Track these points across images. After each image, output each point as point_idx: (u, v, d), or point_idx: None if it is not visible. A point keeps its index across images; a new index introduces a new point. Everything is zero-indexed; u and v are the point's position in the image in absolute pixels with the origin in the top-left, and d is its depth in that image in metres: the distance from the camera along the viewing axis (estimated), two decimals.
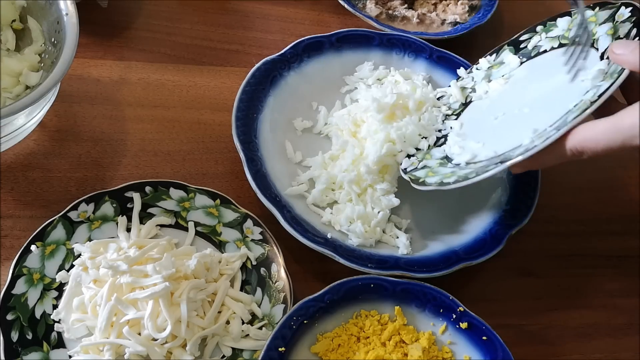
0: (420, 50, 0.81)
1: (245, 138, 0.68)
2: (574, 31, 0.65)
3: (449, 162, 0.65)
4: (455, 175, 0.60)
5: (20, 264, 0.57)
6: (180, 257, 0.59)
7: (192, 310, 0.56)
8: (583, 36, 0.64)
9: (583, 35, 0.64)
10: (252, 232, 0.64)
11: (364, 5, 0.88)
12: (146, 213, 0.63)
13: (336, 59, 0.78)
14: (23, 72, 0.63)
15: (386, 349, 0.58)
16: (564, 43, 0.68)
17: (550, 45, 0.70)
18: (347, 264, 0.62)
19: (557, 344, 0.67)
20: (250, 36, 0.83)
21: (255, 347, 0.57)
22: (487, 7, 0.90)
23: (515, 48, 0.74)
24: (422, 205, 0.71)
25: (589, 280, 0.73)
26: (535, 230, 0.72)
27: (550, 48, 0.70)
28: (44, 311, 0.56)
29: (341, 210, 0.67)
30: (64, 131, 0.68)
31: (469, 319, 0.60)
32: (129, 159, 0.68)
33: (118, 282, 0.55)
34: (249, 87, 0.72)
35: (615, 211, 0.80)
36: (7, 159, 0.64)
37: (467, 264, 0.64)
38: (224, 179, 0.69)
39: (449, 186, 0.59)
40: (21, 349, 0.53)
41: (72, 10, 0.61)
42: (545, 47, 0.70)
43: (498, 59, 0.75)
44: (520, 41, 0.74)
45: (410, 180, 0.64)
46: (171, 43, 0.79)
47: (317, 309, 0.59)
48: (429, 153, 0.68)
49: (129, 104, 0.72)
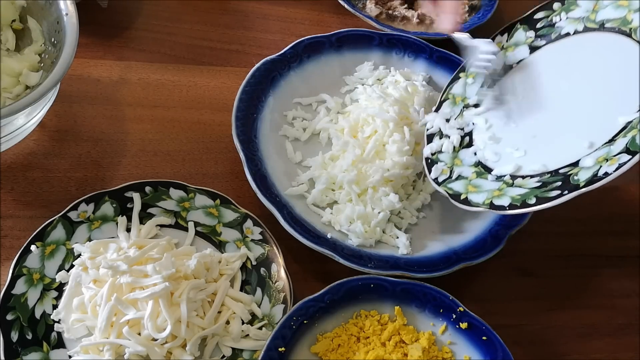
0: (420, 50, 0.81)
1: (245, 138, 0.68)
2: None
3: (487, 171, 0.60)
4: (507, 196, 0.56)
5: (20, 264, 0.57)
6: (180, 257, 0.59)
7: (192, 310, 0.56)
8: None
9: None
10: (252, 232, 0.64)
11: (364, 5, 0.88)
12: (146, 213, 0.63)
13: (336, 59, 0.79)
14: (23, 72, 0.63)
15: (386, 349, 0.58)
16: (590, 27, 0.63)
17: (574, 29, 0.64)
18: (347, 264, 0.62)
19: (557, 344, 0.67)
20: (250, 36, 0.83)
21: (255, 347, 0.57)
22: (487, 7, 0.90)
23: (529, 27, 0.68)
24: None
25: (589, 280, 0.73)
26: (535, 230, 0.72)
27: (574, 31, 0.64)
28: (43, 311, 0.56)
29: (341, 210, 0.67)
30: (64, 131, 0.68)
31: (469, 319, 0.60)
32: (129, 159, 0.68)
33: (118, 282, 0.55)
34: (249, 87, 0.72)
35: (615, 211, 0.80)
36: (7, 159, 0.64)
37: (467, 264, 0.64)
38: (224, 179, 0.69)
39: (504, 211, 0.55)
40: (21, 349, 0.53)
41: (72, 10, 0.61)
42: (567, 29, 0.65)
43: (512, 39, 0.69)
44: (534, 19, 0.68)
45: (448, 195, 0.60)
46: (171, 43, 0.79)
47: (317, 309, 0.59)
48: (457, 157, 0.64)
49: (128, 104, 0.72)
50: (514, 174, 0.59)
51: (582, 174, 0.53)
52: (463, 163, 0.63)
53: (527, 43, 0.68)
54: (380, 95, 0.72)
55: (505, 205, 0.55)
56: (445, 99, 0.71)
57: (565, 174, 0.55)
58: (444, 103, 0.71)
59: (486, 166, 0.62)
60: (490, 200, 0.56)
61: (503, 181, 0.59)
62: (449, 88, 0.72)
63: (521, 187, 0.57)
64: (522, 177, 0.58)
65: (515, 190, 0.56)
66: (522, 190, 0.56)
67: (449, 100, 0.71)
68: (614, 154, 0.52)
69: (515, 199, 0.55)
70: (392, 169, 0.67)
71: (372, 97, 0.73)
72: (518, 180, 0.58)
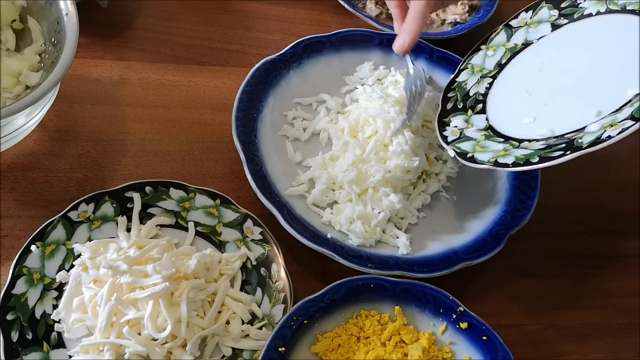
0: (420, 50, 0.81)
1: (245, 138, 0.68)
2: None
3: (495, 134, 0.62)
4: (512, 155, 0.57)
5: (20, 264, 0.57)
6: (180, 257, 0.59)
7: (192, 310, 0.56)
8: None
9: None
10: (252, 232, 0.64)
11: (364, 5, 0.88)
12: (146, 213, 0.63)
13: (336, 59, 0.78)
14: (23, 72, 0.63)
15: (386, 349, 0.58)
16: (612, 9, 0.65)
17: (597, 9, 0.66)
18: (347, 264, 0.62)
19: (557, 344, 0.67)
20: (250, 36, 0.83)
21: (255, 347, 0.57)
22: (487, 7, 0.90)
23: (553, 5, 0.70)
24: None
25: (589, 280, 0.73)
26: (535, 230, 0.72)
27: (597, 12, 0.66)
28: (44, 311, 0.56)
29: (341, 210, 0.67)
30: (64, 131, 0.68)
31: (469, 319, 0.60)
32: (129, 159, 0.68)
33: (118, 282, 0.55)
34: (249, 87, 0.72)
35: (615, 211, 0.80)
36: (7, 159, 0.64)
37: (467, 264, 0.64)
38: (224, 179, 0.69)
39: (507, 168, 0.57)
40: (21, 349, 0.53)
41: (72, 10, 0.61)
42: (590, 10, 0.67)
43: (536, 16, 0.71)
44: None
45: (455, 152, 0.62)
46: (171, 43, 0.79)
47: (317, 309, 0.59)
48: (469, 121, 0.66)
49: (129, 104, 0.72)
50: (522, 138, 0.61)
51: (586, 137, 0.55)
52: (474, 127, 0.65)
53: (550, 21, 0.70)
54: (381, 95, 0.72)
55: (509, 163, 0.57)
56: (464, 68, 0.74)
57: (570, 138, 0.57)
58: (463, 72, 0.73)
59: (495, 130, 0.64)
60: (495, 159, 0.58)
61: (510, 143, 0.61)
62: (468, 59, 0.74)
63: (526, 149, 0.58)
64: (528, 141, 0.60)
65: (520, 151, 0.58)
66: (526, 151, 0.58)
67: (467, 69, 0.73)
68: (619, 121, 0.54)
69: (519, 158, 0.57)
70: (393, 171, 0.67)
71: (372, 97, 0.73)
72: (524, 143, 0.60)
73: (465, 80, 0.72)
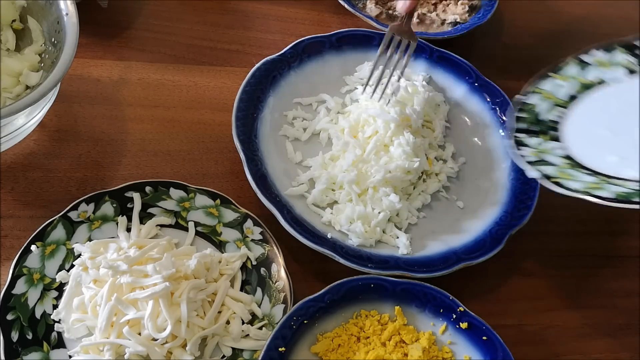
0: (420, 50, 0.81)
1: (245, 138, 0.68)
2: None
3: (580, 166, 0.62)
4: (608, 191, 0.57)
5: (20, 264, 0.57)
6: (180, 257, 0.59)
7: (192, 310, 0.56)
8: None
9: None
10: (252, 232, 0.64)
11: (364, 5, 0.88)
12: (146, 213, 0.63)
13: (336, 59, 0.78)
14: (23, 72, 0.63)
15: (386, 349, 0.58)
16: None
17: None
18: (347, 264, 0.62)
19: (557, 344, 0.67)
20: (250, 36, 0.83)
21: (255, 347, 0.57)
22: (487, 7, 0.90)
23: (626, 49, 0.71)
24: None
25: (589, 280, 0.73)
26: (535, 230, 0.72)
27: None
28: (44, 311, 0.56)
29: (341, 210, 0.67)
30: (64, 131, 0.68)
31: (469, 319, 0.60)
32: (129, 159, 0.68)
33: (118, 282, 0.55)
34: (249, 87, 0.72)
35: (615, 211, 0.79)
36: (7, 159, 0.64)
37: (467, 264, 0.64)
38: (224, 179, 0.69)
39: (603, 202, 0.56)
40: (21, 349, 0.53)
41: (72, 10, 0.61)
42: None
43: (610, 57, 0.72)
44: (633, 45, 0.71)
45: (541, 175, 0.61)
46: (171, 43, 0.79)
47: (317, 309, 0.59)
48: (542, 146, 0.65)
49: (129, 104, 0.72)
50: (612, 176, 0.60)
51: None
52: (552, 153, 0.65)
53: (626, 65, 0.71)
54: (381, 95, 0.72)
55: (611, 197, 0.56)
56: (533, 92, 0.72)
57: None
58: (531, 95, 0.72)
59: (576, 161, 0.63)
60: (586, 190, 0.58)
61: (598, 177, 0.60)
62: (535, 83, 0.73)
63: (620, 187, 0.58)
64: (617, 179, 0.60)
65: (614, 188, 0.58)
66: (623, 189, 0.58)
67: (537, 93, 0.72)
68: None
69: (621, 194, 0.57)
70: (393, 171, 0.67)
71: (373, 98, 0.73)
72: (613, 180, 0.60)
73: (535, 104, 0.71)
